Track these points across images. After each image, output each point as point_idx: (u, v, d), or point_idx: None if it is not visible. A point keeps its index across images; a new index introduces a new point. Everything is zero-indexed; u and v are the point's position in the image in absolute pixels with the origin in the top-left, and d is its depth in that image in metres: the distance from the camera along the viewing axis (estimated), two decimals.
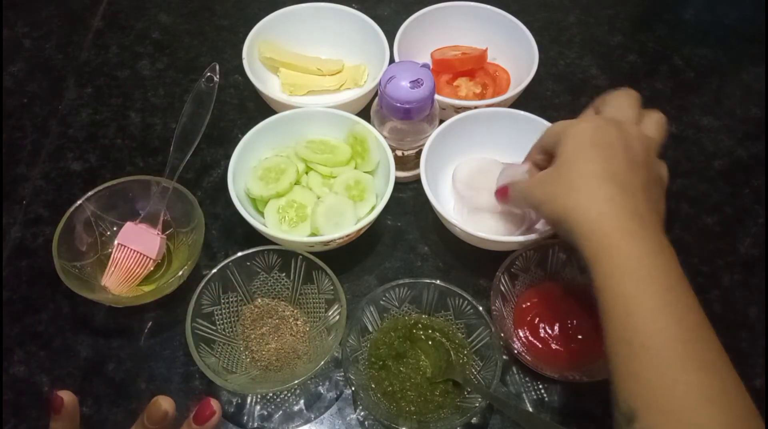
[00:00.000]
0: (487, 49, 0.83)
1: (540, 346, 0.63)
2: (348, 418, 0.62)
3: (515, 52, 0.81)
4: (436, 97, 0.70)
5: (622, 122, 0.54)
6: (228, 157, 0.69)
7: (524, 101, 0.77)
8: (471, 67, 0.82)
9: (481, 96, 0.81)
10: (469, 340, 0.63)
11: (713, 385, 0.45)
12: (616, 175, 0.51)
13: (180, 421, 0.48)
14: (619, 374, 0.47)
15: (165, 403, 0.46)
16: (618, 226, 0.49)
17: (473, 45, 0.85)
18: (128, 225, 0.68)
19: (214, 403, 0.47)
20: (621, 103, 0.58)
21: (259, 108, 0.81)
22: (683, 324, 0.46)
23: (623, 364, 0.47)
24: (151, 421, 0.46)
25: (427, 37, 0.83)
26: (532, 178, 0.59)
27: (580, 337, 0.63)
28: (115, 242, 0.67)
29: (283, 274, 0.65)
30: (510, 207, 0.66)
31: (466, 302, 0.62)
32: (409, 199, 0.76)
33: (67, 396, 0.46)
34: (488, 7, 0.83)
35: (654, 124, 0.57)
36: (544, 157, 0.59)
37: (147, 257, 0.67)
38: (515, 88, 0.76)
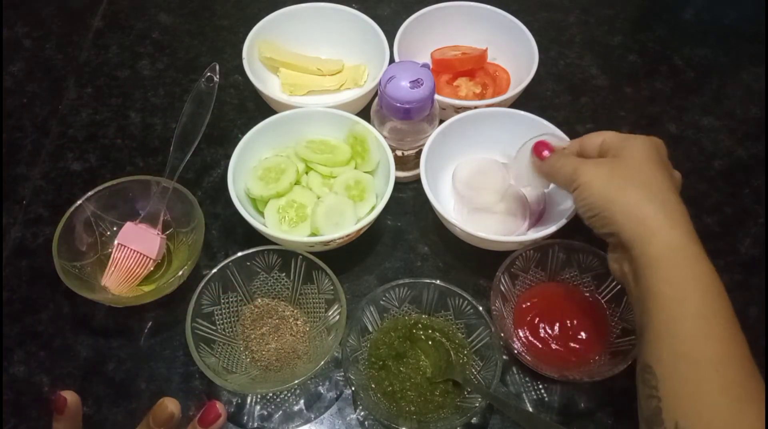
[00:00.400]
0: (487, 49, 0.83)
1: (540, 346, 0.63)
2: (348, 418, 0.62)
3: (515, 52, 0.81)
4: (436, 97, 0.70)
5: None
6: (228, 157, 0.69)
7: (524, 101, 0.77)
8: (471, 67, 0.82)
9: (481, 96, 0.81)
10: (469, 340, 0.63)
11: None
12: (669, 188, 0.54)
13: (183, 422, 0.48)
14: (670, 390, 0.47)
15: (171, 405, 0.46)
16: (665, 223, 0.52)
17: (473, 45, 0.85)
18: (128, 225, 0.68)
19: (220, 407, 0.47)
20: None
21: (259, 108, 0.81)
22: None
23: (678, 382, 0.47)
24: (156, 423, 0.46)
25: (427, 37, 0.83)
26: (583, 160, 0.60)
27: (580, 337, 0.63)
28: (115, 242, 0.67)
29: (283, 274, 0.65)
30: (531, 166, 0.64)
31: (466, 302, 0.62)
32: (409, 199, 0.76)
33: (70, 396, 0.47)
34: (488, 7, 0.83)
35: None
36: (578, 152, 0.62)
37: (147, 257, 0.67)
38: (515, 88, 0.76)
